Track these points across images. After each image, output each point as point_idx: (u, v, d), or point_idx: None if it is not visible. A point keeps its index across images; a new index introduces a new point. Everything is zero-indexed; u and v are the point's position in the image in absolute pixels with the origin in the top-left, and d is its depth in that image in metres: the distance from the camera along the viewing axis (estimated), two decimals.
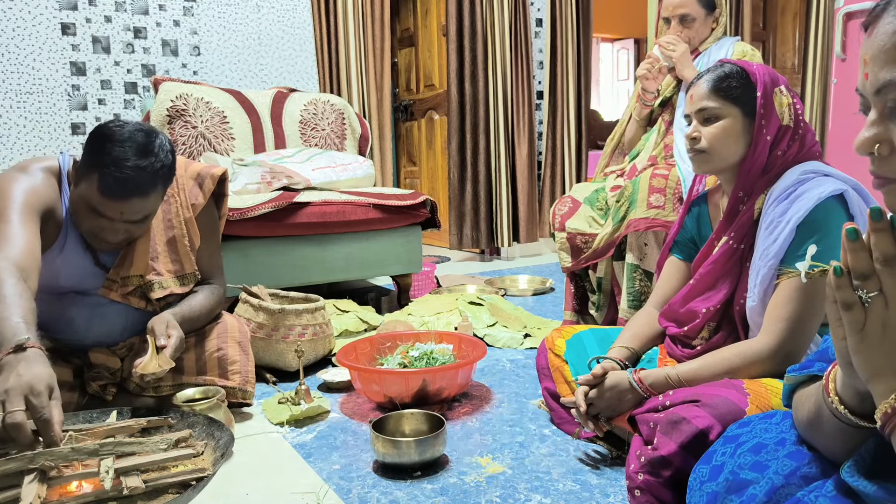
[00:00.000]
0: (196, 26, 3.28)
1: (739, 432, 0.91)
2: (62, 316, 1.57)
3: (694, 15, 2.08)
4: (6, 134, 2.92)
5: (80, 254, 1.54)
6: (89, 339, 1.61)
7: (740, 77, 1.26)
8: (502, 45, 4.04)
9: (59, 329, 1.58)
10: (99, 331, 1.60)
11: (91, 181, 1.39)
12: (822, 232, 1.15)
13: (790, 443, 0.83)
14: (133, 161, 1.38)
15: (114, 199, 1.39)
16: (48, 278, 1.49)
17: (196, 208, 1.68)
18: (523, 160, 4.20)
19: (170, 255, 1.63)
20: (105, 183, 1.37)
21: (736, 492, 0.81)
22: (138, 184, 1.39)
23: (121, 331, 1.63)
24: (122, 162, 1.37)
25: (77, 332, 1.59)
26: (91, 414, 1.32)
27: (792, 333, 1.15)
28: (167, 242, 1.63)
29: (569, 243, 2.15)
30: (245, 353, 1.68)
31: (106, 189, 1.37)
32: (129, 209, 1.41)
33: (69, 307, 1.57)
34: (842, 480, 0.70)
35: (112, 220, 1.42)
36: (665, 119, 2.18)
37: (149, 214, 1.49)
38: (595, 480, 1.34)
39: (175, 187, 1.66)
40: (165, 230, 1.63)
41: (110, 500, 1.05)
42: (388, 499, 1.29)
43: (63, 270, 1.53)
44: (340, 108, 3.26)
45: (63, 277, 1.53)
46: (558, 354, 1.56)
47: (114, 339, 1.63)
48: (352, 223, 2.63)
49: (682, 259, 1.46)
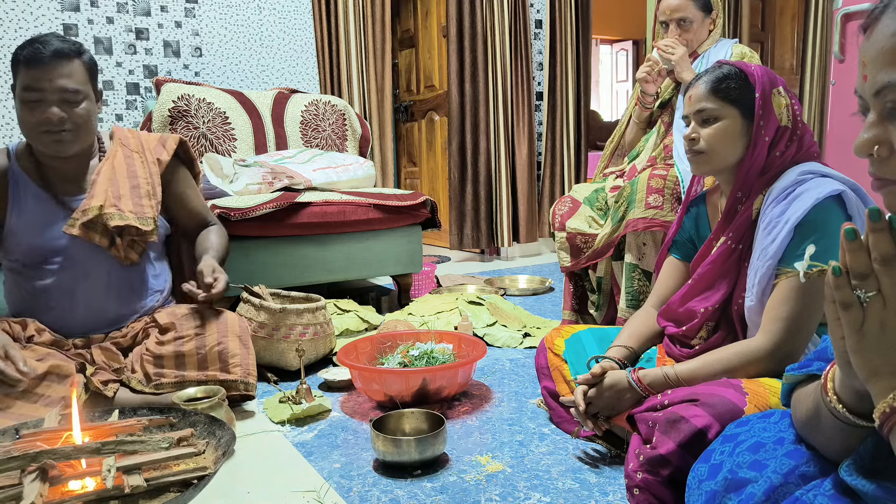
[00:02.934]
0: (198, 27, 3.29)
1: (738, 431, 0.91)
2: (51, 292, 1.64)
3: (691, 18, 2.09)
4: (8, 134, 2.93)
5: (42, 205, 1.64)
6: (80, 313, 1.66)
7: (739, 78, 1.26)
8: (502, 47, 4.04)
9: (49, 309, 1.64)
10: (88, 299, 1.66)
11: (19, 72, 1.53)
12: (820, 232, 1.15)
13: (788, 441, 0.83)
14: (50, 36, 1.55)
15: (38, 66, 1.51)
16: (18, 241, 1.62)
17: (162, 164, 1.80)
18: (523, 160, 4.20)
19: (132, 198, 1.70)
20: (26, 57, 1.51)
21: (734, 490, 0.81)
22: (56, 46, 1.53)
23: (105, 291, 1.69)
24: (38, 39, 1.54)
25: (66, 306, 1.65)
26: (93, 413, 1.33)
27: (790, 333, 1.16)
28: (131, 188, 1.71)
29: (568, 243, 2.16)
30: (245, 346, 1.69)
31: (28, 59, 1.51)
32: (55, 73, 1.52)
33: (50, 276, 1.64)
34: (840, 479, 0.71)
35: (44, 93, 1.52)
36: (664, 121, 2.18)
37: (79, 90, 1.56)
38: (594, 479, 1.35)
39: (140, 146, 1.80)
40: (129, 178, 1.73)
41: (112, 498, 1.05)
42: (389, 497, 1.30)
43: (28, 228, 1.62)
44: (341, 109, 3.27)
45: (30, 235, 1.62)
46: (557, 354, 1.56)
47: (105, 306, 1.69)
48: (352, 223, 2.64)
49: (680, 259, 1.46)
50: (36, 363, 1.49)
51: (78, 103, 1.57)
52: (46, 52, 1.51)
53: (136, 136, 1.83)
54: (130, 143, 1.79)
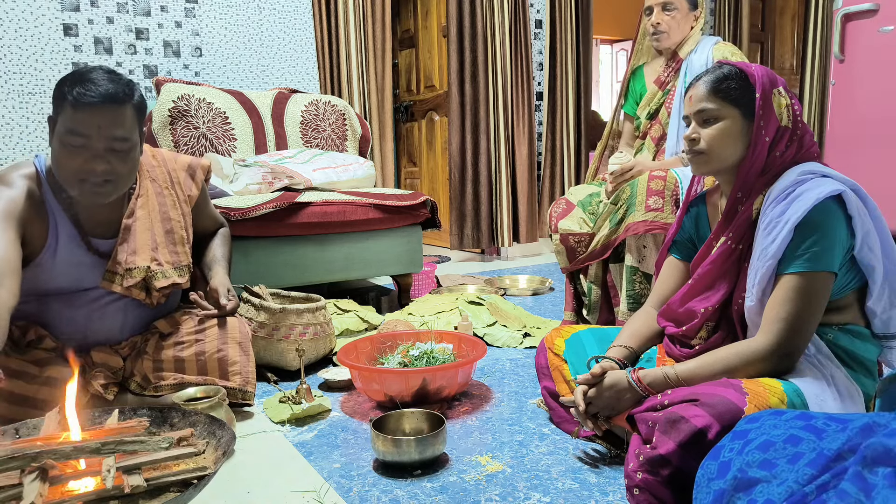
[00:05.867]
0: (198, 27, 3.29)
1: (748, 428, 0.90)
2: (61, 315, 1.58)
3: (676, 5, 2.10)
4: (8, 134, 2.93)
5: (74, 246, 1.54)
6: (90, 339, 1.62)
7: (739, 78, 1.26)
8: (502, 47, 4.04)
9: (59, 329, 1.59)
10: (99, 328, 1.62)
11: (63, 110, 1.39)
12: (820, 232, 1.15)
13: (805, 443, 0.82)
14: (100, 75, 1.40)
15: (87, 109, 1.37)
16: (45, 281, 1.51)
17: (192, 199, 1.76)
18: (523, 160, 4.20)
19: (167, 245, 1.65)
20: (75, 97, 1.36)
21: (744, 490, 0.81)
22: (108, 89, 1.38)
23: (120, 328, 1.65)
24: (88, 76, 1.39)
25: (78, 331, 1.60)
26: (93, 414, 1.33)
27: (790, 333, 1.16)
28: (165, 233, 1.66)
29: (563, 244, 2.16)
30: (245, 353, 1.68)
31: (77, 101, 1.36)
32: (104, 120, 1.39)
33: (67, 307, 1.58)
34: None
35: (90, 140, 1.39)
36: (653, 136, 2.19)
37: (128, 139, 1.44)
38: (594, 479, 1.35)
39: (168, 180, 1.70)
40: (163, 221, 1.66)
41: (112, 498, 1.05)
42: (389, 497, 1.30)
43: (59, 269, 1.53)
44: (341, 109, 3.27)
45: (60, 277, 1.54)
46: (557, 354, 1.56)
47: (114, 337, 1.64)
48: (352, 223, 2.64)
49: (680, 259, 1.46)
50: (36, 370, 1.48)
51: (125, 153, 1.45)
52: (97, 94, 1.37)
53: (160, 162, 1.72)
54: (158, 178, 1.69)
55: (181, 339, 1.64)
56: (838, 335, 1.22)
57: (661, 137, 2.17)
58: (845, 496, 0.71)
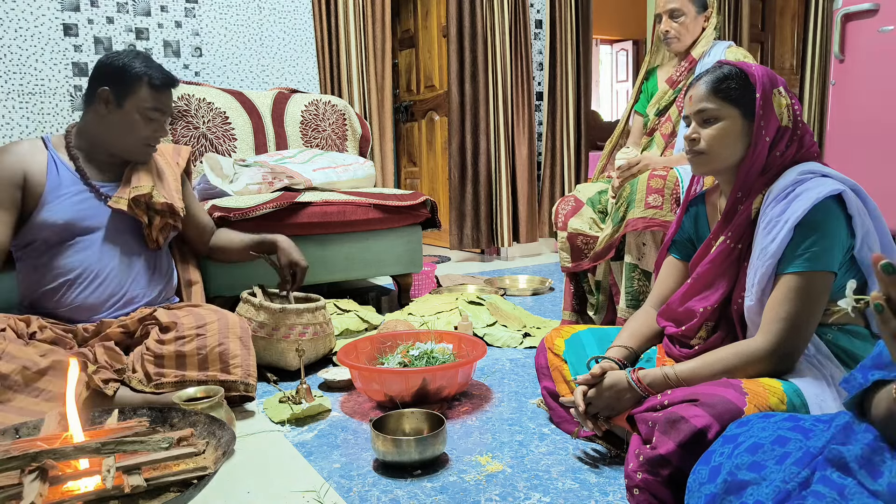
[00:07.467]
0: (198, 27, 3.29)
1: (738, 432, 0.91)
2: (71, 272, 1.70)
3: (684, 11, 2.11)
4: (9, 134, 2.93)
5: (76, 185, 1.74)
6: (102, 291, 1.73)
7: (739, 78, 1.26)
8: (502, 47, 4.04)
9: (71, 290, 1.70)
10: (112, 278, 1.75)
11: (137, 91, 1.72)
12: (819, 232, 1.15)
13: (793, 442, 0.83)
14: (154, 63, 1.77)
15: (165, 90, 1.76)
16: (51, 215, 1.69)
17: (179, 168, 2.00)
18: (523, 160, 4.20)
19: (165, 189, 1.88)
20: (153, 82, 1.73)
21: (735, 493, 0.81)
22: (171, 76, 1.79)
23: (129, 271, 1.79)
24: (151, 63, 1.75)
25: (89, 285, 1.72)
26: (93, 414, 1.33)
27: (789, 333, 1.16)
28: (162, 182, 1.89)
29: (569, 243, 2.16)
30: (246, 347, 1.70)
31: (160, 83, 1.74)
32: (170, 99, 1.80)
33: (76, 256, 1.71)
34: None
35: (163, 113, 1.77)
36: (663, 133, 2.19)
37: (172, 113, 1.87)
38: (594, 479, 1.35)
39: (161, 152, 1.98)
40: (160, 175, 1.91)
41: (112, 498, 1.05)
42: (389, 497, 1.30)
43: (63, 204, 1.71)
44: (341, 109, 3.27)
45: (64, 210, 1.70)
46: (557, 354, 1.56)
47: (125, 287, 1.78)
48: (352, 223, 2.64)
49: (680, 259, 1.47)
50: (38, 358, 1.49)
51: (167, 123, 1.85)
52: (170, 78, 1.77)
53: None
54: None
55: (182, 334, 1.65)
56: (838, 335, 1.22)
57: (672, 134, 2.18)
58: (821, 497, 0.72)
